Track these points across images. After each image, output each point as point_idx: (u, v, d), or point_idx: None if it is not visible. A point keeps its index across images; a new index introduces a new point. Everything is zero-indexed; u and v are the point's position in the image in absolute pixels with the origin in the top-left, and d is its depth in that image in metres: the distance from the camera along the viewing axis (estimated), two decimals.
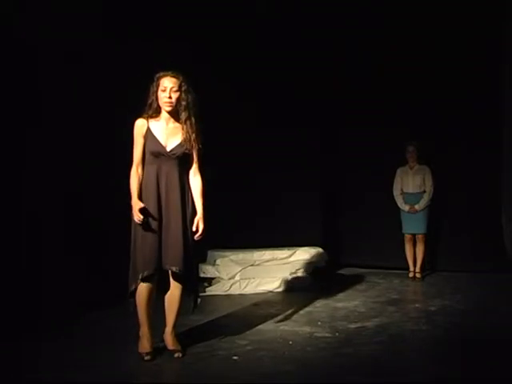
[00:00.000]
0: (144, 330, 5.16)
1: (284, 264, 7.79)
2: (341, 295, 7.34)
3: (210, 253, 8.00)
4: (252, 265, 7.66)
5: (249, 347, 5.33)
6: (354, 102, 8.76)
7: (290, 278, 7.71)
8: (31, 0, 6.56)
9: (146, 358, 5.05)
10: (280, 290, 7.52)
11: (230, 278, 7.55)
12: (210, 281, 7.72)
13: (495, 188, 8.24)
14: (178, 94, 5.03)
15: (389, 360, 5.05)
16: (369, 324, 6.04)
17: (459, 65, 8.27)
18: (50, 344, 5.50)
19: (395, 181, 8.46)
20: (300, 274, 7.87)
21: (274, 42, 8.53)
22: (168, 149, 5.06)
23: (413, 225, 8.30)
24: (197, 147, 5.14)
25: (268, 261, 7.76)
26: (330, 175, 9.11)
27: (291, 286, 7.62)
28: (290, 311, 6.57)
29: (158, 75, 5.07)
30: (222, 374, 4.78)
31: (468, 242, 8.38)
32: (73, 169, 7.02)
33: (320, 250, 8.13)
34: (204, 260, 8.07)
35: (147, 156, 5.06)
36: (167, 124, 5.11)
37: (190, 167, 5.19)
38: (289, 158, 8.63)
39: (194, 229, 5.09)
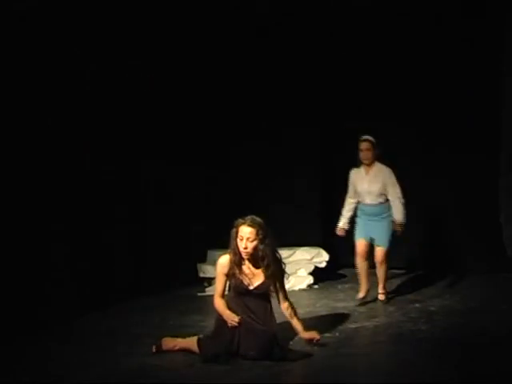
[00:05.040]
0: (175, 346, 5.34)
1: None
2: (341, 295, 7.34)
3: (209, 252, 8.00)
4: None
5: None
6: (354, 100, 8.70)
7: (290, 277, 7.70)
8: None
9: (154, 349, 5.30)
10: None
11: None
12: (209, 281, 7.71)
13: (494, 188, 8.24)
14: (254, 243, 5.23)
15: (388, 360, 5.06)
16: (369, 324, 6.04)
17: (459, 64, 8.26)
18: (49, 345, 5.51)
19: (349, 188, 7.06)
20: (300, 273, 7.87)
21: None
22: (251, 287, 5.30)
23: (371, 231, 6.92)
24: (280, 282, 5.41)
25: None
26: (330, 175, 9.09)
27: (291, 285, 7.61)
28: None
29: (236, 222, 5.31)
30: (222, 374, 4.79)
31: (467, 242, 8.37)
32: (79, 172, 7.09)
33: (320, 249, 8.13)
34: (204, 260, 8.08)
35: (231, 290, 5.35)
36: (248, 265, 5.32)
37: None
38: (288, 158, 8.63)
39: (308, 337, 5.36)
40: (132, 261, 7.78)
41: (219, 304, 5.29)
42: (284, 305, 5.45)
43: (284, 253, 7.82)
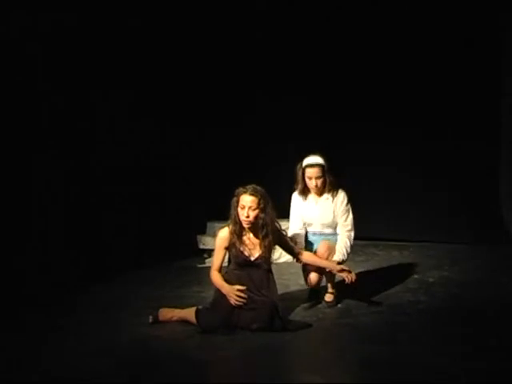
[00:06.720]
0: (172, 317, 5.35)
1: None
2: None
3: (209, 224, 8.03)
4: None
5: None
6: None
7: None
8: None
9: (150, 319, 5.31)
10: (280, 260, 7.53)
11: None
12: (209, 252, 7.74)
13: (495, 165, 8.26)
14: (255, 212, 5.19)
15: (388, 330, 5.10)
16: (368, 295, 6.07)
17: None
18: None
19: (292, 214, 6.02)
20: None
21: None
22: (252, 258, 5.27)
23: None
24: (282, 240, 5.45)
25: None
26: (330, 148, 9.06)
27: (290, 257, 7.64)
28: (290, 281, 6.60)
29: (238, 190, 5.26)
30: (223, 345, 4.82)
31: (466, 214, 8.38)
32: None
33: None
34: (204, 231, 8.11)
35: (232, 262, 5.33)
36: (248, 236, 5.30)
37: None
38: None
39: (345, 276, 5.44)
40: (132, 233, 7.81)
41: (217, 278, 5.25)
42: (303, 255, 5.55)
43: (285, 224, 7.83)
